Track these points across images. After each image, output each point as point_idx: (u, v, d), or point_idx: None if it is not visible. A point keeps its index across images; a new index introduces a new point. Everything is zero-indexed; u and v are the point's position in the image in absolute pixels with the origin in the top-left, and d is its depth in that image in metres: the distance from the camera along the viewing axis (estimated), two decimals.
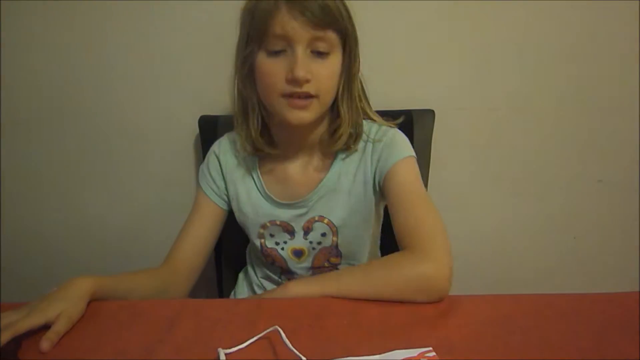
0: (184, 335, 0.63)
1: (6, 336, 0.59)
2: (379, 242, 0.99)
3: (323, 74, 0.76)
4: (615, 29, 1.10)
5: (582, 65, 1.12)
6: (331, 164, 0.88)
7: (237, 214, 0.91)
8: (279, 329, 0.59)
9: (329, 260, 0.91)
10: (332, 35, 0.75)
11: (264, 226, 0.89)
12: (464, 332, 0.64)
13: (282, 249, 0.90)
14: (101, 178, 1.22)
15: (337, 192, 0.87)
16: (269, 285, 0.97)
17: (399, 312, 0.68)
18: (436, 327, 0.65)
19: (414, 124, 1.04)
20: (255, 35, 0.75)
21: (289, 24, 0.72)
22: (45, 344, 0.60)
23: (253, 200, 0.88)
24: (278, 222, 0.88)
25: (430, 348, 0.58)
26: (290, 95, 0.76)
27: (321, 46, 0.75)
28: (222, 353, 0.57)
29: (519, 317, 0.67)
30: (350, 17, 0.78)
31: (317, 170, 0.88)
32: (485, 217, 1.24)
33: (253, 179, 0.89)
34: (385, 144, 0.84)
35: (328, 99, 0.79)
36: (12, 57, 1.12)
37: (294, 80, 0.74)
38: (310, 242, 0.89)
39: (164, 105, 1.15)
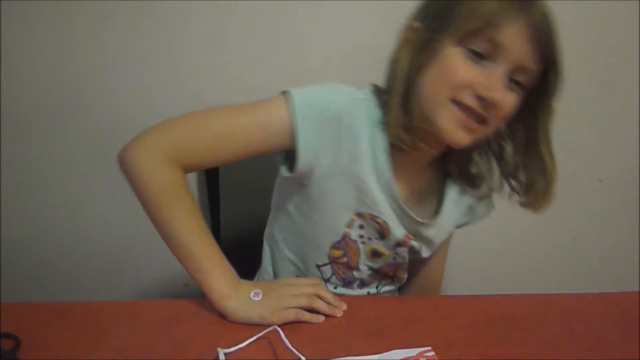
0: (184, 335, 0.63)
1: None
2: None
3: (507, 106, 0.65)
4: (615, 29, 1.10)
5: (582, 65, 1.11)
6: (444, 190, 0.79)
7: (329, 194, 0.72)
8: (278, 329, 0.59)
9: (396, 273, 0.84)
10: (536, 71, 0.65)
11: (361, 215, 0.74)
12: (464, 331, 0.64)
13: (363, 243, 0.77)
14: (101, 177, 1.22)
15: (443, 227, 0.80)
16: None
17: (398, 311, 0.68)
18: (435, 326, 0.65)
19: None
20: (464, 29, 0.62)
21: (516, 41, 0.61)
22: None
23: (367, 185, 0.71)
24: (380, 221, 0.74)
25: (430, 347, 0.59)
26: (463, 109, 0.64)
27: (522, 77, 0.65)
28: (221, 353, 0.57)
29: (519, 317, 0.68)
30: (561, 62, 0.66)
31: (429, 189, 0.78)
32: None
33: (378, 165, 0.71)
34: (483, 215, 0.86)
35: (491, 132, 0.69)
36: (12, 57, 1.13)
37: (482, 99, 0.63)
38: (397, 253, 0.79)
39: (164, 105, 1.15)
